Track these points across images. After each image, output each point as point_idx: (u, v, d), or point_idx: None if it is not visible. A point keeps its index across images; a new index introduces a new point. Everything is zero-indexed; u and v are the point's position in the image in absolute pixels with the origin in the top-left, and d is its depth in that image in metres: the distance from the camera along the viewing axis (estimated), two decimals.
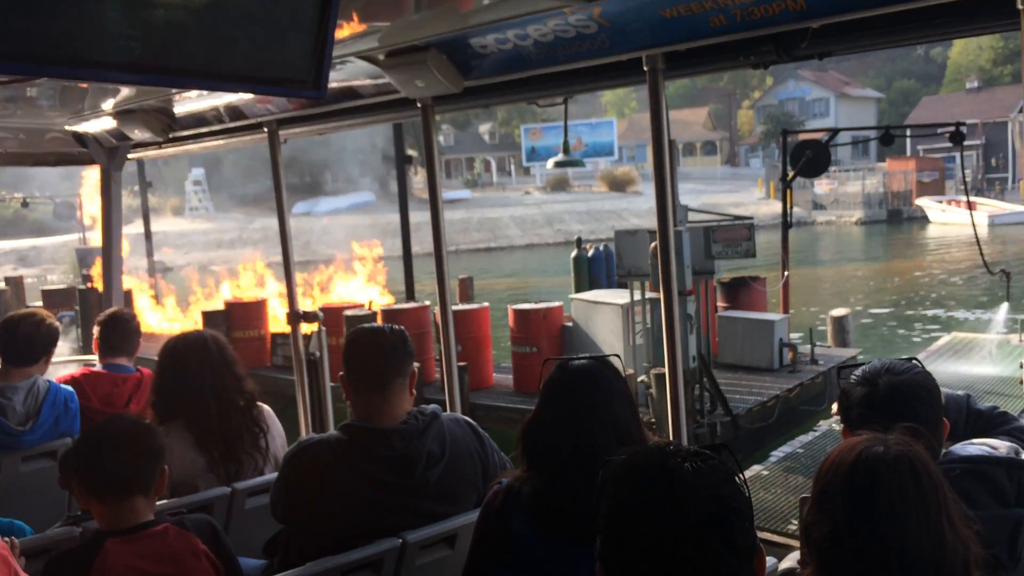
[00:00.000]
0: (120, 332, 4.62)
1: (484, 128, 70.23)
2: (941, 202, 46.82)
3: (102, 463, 2.68)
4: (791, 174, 14.87)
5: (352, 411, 3.03)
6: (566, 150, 14.11)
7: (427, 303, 13.27)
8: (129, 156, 5.84)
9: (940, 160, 54.18)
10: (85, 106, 4.65)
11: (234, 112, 4.64)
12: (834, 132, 15.98)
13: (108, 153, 5.75)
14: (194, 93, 4.17)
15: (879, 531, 1.82)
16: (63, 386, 4.37)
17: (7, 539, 2.68)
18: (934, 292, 25.23)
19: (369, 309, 13.40)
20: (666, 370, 3.57)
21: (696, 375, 9.86)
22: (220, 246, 45.60)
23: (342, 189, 57.50)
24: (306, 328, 4.99)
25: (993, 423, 2.85)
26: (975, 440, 2.55)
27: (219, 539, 2.83)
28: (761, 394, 11.35)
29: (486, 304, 13.19)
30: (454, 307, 12.88)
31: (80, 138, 5.61)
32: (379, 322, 12.23)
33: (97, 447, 2.72)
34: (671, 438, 3.45)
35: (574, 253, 15.33)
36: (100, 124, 5.20)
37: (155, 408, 3.68)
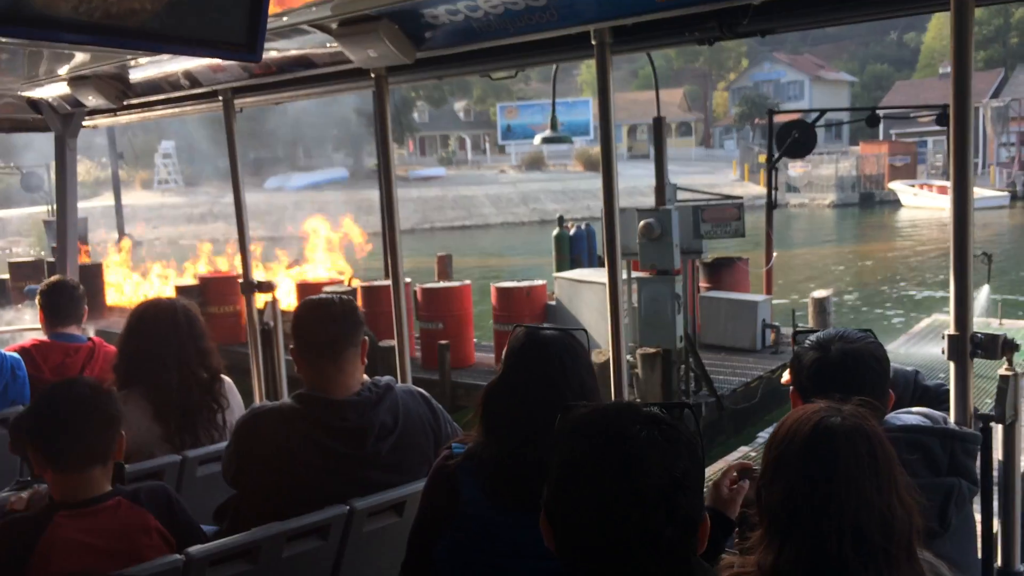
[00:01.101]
0: (67, 300, 4.56)
1: (459, 105, 69.84)
2: (913, 186, 47.18)
3: (59, 434, 2.60)
4: (777, 155, 14.59)
5: (305, 383, 3.04)
6: (554, 126, 13.82)
7: (408, 280, 13.25)
8: (84, 123, 5.78)
9: (913, 144, 54.54)
10: (40, 72, 4.60)
11: (189, 80, 4.62)
12: (821, 112, 15.83)
13: (63, 120, 5.69)
14: (148, 59, 4.15)
15: (834, 499, 1.85)
16: (9, 354, 4.32)
17: None
18: (910, 274, 25.48)
19: (348, 285, 13.29)
20: (609, 353, 3.57)
21: (683, 355, 9.87)
22: (191, 220, 45.20)
23: (315, 165, 57.11)
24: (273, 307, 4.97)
25: (939, 399, 2.93)
26: (912, 409, 2.63)
27: (173, 507, 2.78)
28: (745, 375, 11.44)
29: (467, 282, 13.11)
30: (434, 284, 12.74)
31: (35, 104, 5.55)
32: (359, 299, 12.09)
33: (53, 416, 2.62)
34: None
35: (556, 231, 15.10)
36: (55, 90, 5.15)
37: (116, 371, 3.66)
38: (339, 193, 47.51)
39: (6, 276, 19.50)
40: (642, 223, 8.93)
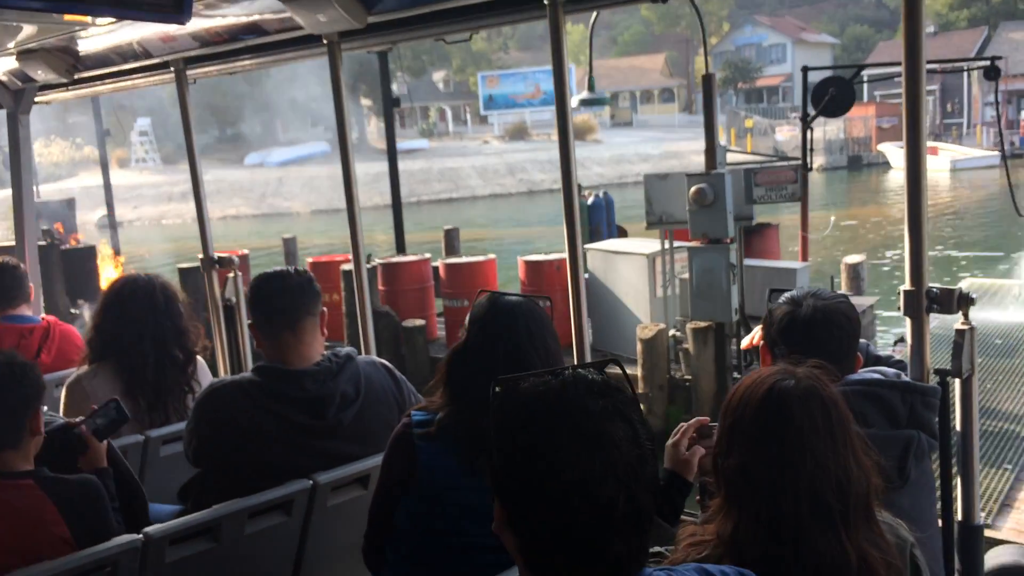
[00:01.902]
0: (10, 280, 4.48)
1: (438, 76, 69.06)
2: (902, 148, 46.88)
3: None
4: (813, 113, 13.54)
5: (264, 355, 3.03)
6: (591, 86, 12.62)
7: (427, 255, 12.58)
8: (37, 99, 5.68)
9: (898, 106, 54.05)
10: None
11: (140, 51, 4.55)
12: (859, 68, 15.07)
13: (14, 96, 5.59)
14: (98, 31, 4.07)
15: (789, 464, 1.84)
16: None
17: None
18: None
19: (368, 264, 12.62)
20: (573, 343, 3.50)
21: (736, 329, 9.26)
22: (171, 199, 44.67)
23: (295, 139, 56.68)
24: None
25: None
26: (868, 369, 2.66)
27: (86, 510, 2.62)
28: None
29: (492, 256, 12.36)
30: (457, 260, 11.86)
31: None
32: (379, 276, 11.48)
33: None
34: None
35: None
36: (4, 65, 5.04)
37: (90, 345, 3.63)
38: (322, 167, 47.05)
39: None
40: (694, 188, 8.29)
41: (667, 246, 10.06)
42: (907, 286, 2.71)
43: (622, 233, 13.51)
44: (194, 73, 4.72)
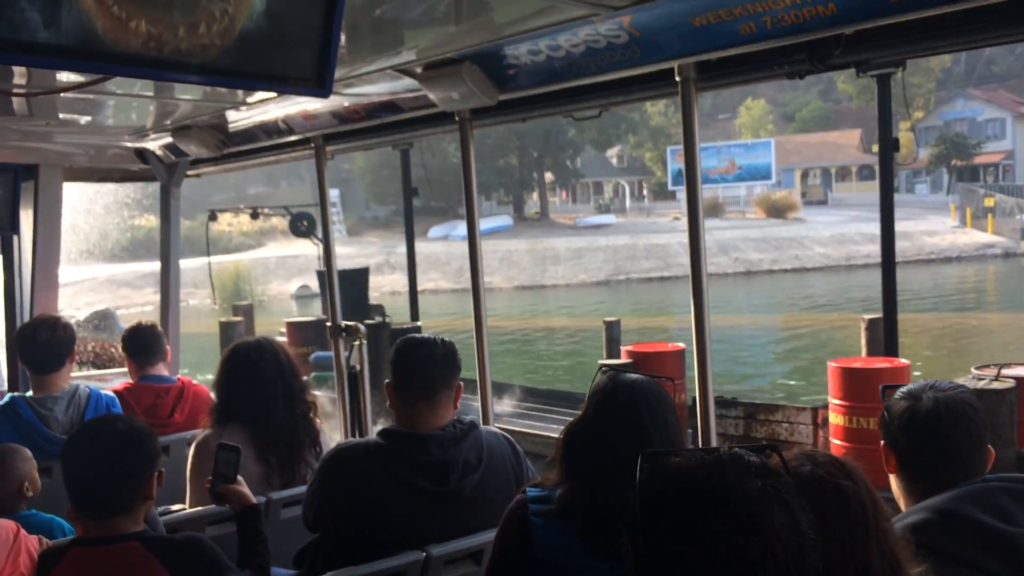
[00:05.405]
0: (149, 339, 4.66)
1: (612, 152, 68.62)
2: None
3: (82, 485, 2.61)
4: None
5: (395, 418, 3.06)
6: None
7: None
8: (187, 173, 5.99)
9: None
10: (147, 123, 4.86)
11: (284, 128, 4.76)
12: None
13: (168, 170, 5.91)
14: (247, 109, 4.29)
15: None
16: (104, 392, 4.40)
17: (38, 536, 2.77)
18: None
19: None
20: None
21: None
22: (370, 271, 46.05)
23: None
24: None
25: None
26: None
27: (194, 566, 2.66)
28: None
29: None
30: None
31: (141, 154, 5.79)
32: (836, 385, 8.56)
33: (77, 466, 2.62)
34: None
35: None
36: (159, 141, 5.38)
37: (217, 411, 3.71)
38: (517, 241, 46.65)
39: (283, 338, 15.94)
40: None
41: None
42: None
43: None
44: (333, 149, 4.89)
